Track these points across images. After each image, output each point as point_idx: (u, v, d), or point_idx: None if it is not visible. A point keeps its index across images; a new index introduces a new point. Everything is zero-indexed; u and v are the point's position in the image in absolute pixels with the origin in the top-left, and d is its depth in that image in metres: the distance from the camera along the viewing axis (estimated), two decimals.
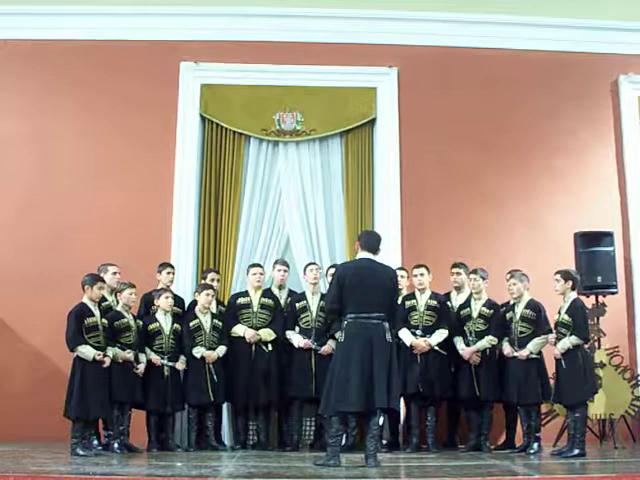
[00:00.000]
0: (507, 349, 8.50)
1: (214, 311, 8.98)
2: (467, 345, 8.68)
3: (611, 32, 10.63)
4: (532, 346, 8.37)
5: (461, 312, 8.86)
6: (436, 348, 8.64)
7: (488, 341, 8.62)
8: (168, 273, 9.08)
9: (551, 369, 8.41)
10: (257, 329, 8.85)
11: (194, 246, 10.03)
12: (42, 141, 10.18)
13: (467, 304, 8.86)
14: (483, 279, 8.77)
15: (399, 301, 8.25)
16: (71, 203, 10.02)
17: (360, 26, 10.43)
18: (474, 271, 8.83)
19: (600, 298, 9.63)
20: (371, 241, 7.38)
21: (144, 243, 9.71)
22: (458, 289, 9.12)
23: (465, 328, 8.74)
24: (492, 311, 8.70)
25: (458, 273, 9.09)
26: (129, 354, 8.18)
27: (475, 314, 8.74)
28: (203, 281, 9.21)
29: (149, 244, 9.73)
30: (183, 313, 9.02)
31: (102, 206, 10.00)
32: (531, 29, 10.55)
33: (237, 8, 10.26)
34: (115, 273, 8.67)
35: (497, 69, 10.57)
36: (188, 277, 9.85)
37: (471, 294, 8.88)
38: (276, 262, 9.42)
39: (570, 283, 8.16)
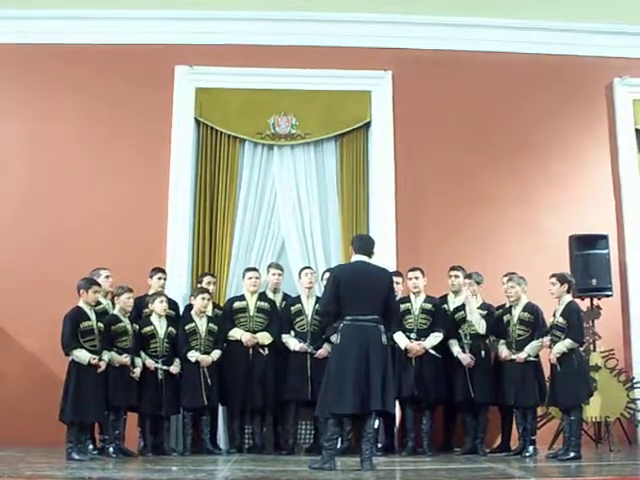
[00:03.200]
0: (504, 352, 8.50)
1: (210, 314, 8.98)
2: (462, 348, 8.69)
3: (606, 35, 10.64)
4: (530, 349, 8.38)
5: (456, 315, 8.87)
6: (431, 351, 8.65)
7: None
8: (159, 278, 9.09)
9: (547, 372, 8.41)
10: (254, 332, 8.85)
11: (189, 250, 10.02)
12: (38, 145, 10.17)
13: (462, 307, 8.87)
14: (478, 283, 8.78)
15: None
16: (67, 207, 10.00)
17: (355, 29, 10.42)
18: (469, 275, 8.85)
19: (595, 301, 9.63)
20: (364, 244, 7.40)
21: (139, 247, 9.70)
22: (455, 292, 9.12)
23: (460, 331, 8.75)
24: (486, 313, 8.71)
25: (456, 276, 9.09)
26: (126, 358, 8.17)
27: (469, 317, 8.74)
28: (199, 285, 9.22)
29: (144, 248, 9.72)
30: (177, 317, 9.02)
31: (97, 210, 9.99)
32: (525, 32, 10.56)
33: (232, 12, 10.26)
34: (108, 277, 8.71)
35: (492, 72, 10.57)
36: (183, 281, 9.85)
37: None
38: (270, 266, 9.44)
39: (566, 286, 8.20)
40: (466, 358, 8.62)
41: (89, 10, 10.19)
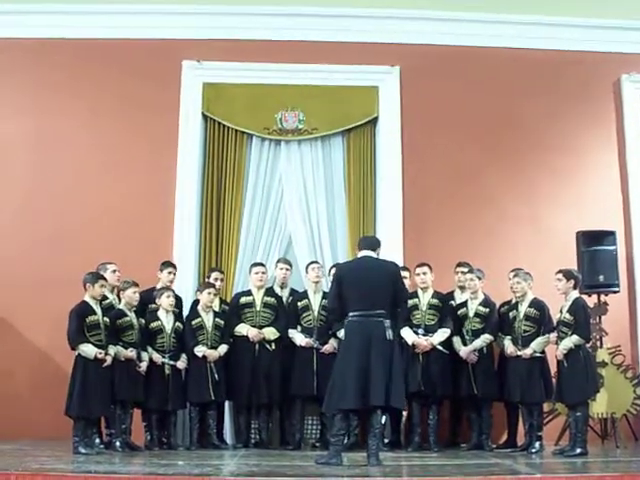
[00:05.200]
0: (510, 348, 8.49)
1: (217, 310, 8.99)
2: (464, 344, 8.70)
3: (613, 31, 10.61)
4: (535, 345, 8.36)
5: (458, 312, 8.88)
6: (438, 347, 8.65)
7: (483, 340, 8.65)
8: (169, 273, 9.07)
9: (553, 368, 8.41)
10: (260, 328, 8.86)
11: (196, 245, 10.03)
12: (44, 140, 10.18)
13: (464, 304, 8.88)
14: (479, 279, 8.79)
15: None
16: (73, 202, 10.01)
17: (362, 25, 10.42)
18: (470, 271, 8.86)
19: (602, 297, 9.63)
20: (369, 241, 7.50)
21: (146, 242, 9.71)
22: (462, 288, 9.11)
23: (462, 328, 8.76)
24: (488, 310, 8.73)
25: (463, 272, 9.08)
26: (131, 352, 8.18)
27: (471, 313, 8.76)
28: (207, 280, 9.22)
29: (151, 243, 9.74)
30: (180, 312, 9.02)
31: (104, 205, 10.00)
32: (533, 28, 10.54)
33: (239, 7, 10.25)
34: (115, 271, 8.71)
35: (499, 68, 10.56)
36: (190, 276, 9.84)
37: None
38: (278, 261, 9.45)
39: (572, 282, 8.18)
40: (466, 352, 8.63)
41: (96, 5, 10.19)
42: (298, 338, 8.84)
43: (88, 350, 7.69)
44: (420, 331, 8.71)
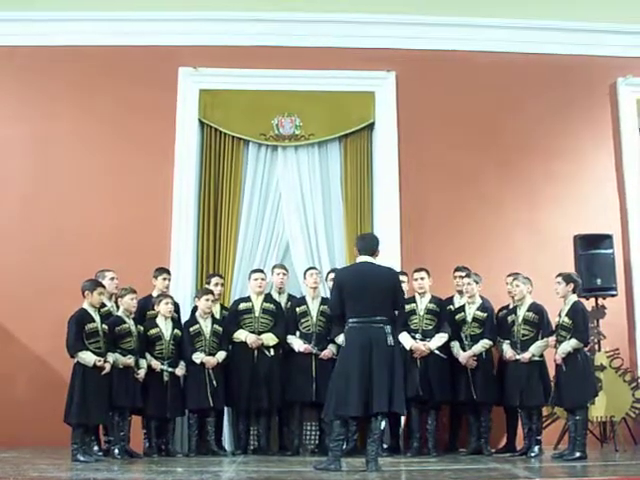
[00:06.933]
0: (509, 353, 8.49)
1: (217, 316, 9.00)
2: (463, 349, 8.70)
3: (609, 35, 10.62)
4: (534, 349, 8.37)
5: (456, 317, 8.89)
6: (436, 352, 8.65)
7: (482, 345, 8.64)
8: (164, 279, 9.08)
9: (552, 372, 8.41)
10: (259, 334, 8.85)
11: (193, 251, 10.01)
12: (41, 146, 10.19)
13: (462, 309, 8.89)
14: (477, 283, 8.78)
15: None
16: (71, 208, 10.01)
17: (358, 30, 10.42)
18: (467, 275, 8.86)
19: (600, 300, 9.65)
20: (367, 244, 7.36)
21: (144, 248, 9.69)
22: (461, 292, 9.10)
23: (461, 333, 8.76)
24: (486, 314, 8.73)
25: (461, 277, 9.08)
26: (130, 360, 8.17)
27: (469, 318, 8.77)
28: (206, 286, 9.22)
29: (149, 249, 9.72)
30: (179, 318, 9.02)
31: (102, 211, 10.00)
32: (529, 32, 10.55)
33: (235, 13, 10.27)
34: (113, 278, 8.70)
35: (495, 72, 10.56)
36: (188, 282, 9.83)
37: None
38: (275, 266, 9.45)
39: (571, 286, 8.20)
40: (465, 357, 8.64)
41: (93, 12, 10.20)
42: (297, 344, 8.83)
43: (87, 358, 7.68)
44: (418, 336, 8.72)
